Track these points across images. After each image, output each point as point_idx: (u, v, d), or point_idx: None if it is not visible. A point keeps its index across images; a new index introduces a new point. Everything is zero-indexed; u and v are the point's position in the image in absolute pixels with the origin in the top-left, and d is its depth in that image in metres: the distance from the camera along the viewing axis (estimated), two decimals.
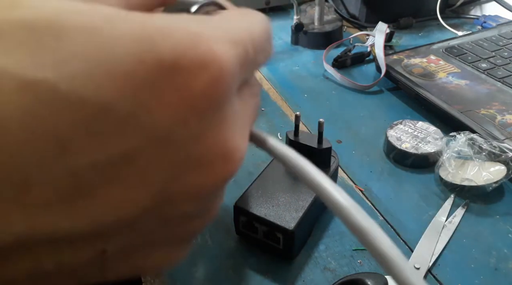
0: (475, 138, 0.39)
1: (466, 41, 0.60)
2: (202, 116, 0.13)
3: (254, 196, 0.32)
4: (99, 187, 0.12)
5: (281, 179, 0.34)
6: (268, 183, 0.34)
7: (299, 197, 0.32)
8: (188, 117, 0.12)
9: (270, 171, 0.35)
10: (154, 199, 0.13)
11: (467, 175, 0.37)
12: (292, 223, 0.30)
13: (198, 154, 0.13)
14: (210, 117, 0.13)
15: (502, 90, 0.49)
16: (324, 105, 0.53)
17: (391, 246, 0.14)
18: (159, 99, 0.12)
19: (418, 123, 0.44)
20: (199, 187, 0.14)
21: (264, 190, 0.33)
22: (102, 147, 0.11)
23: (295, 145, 0.35)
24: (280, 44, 0.69)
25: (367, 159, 0.43)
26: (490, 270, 0.32)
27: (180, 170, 0.13)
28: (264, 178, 0.34)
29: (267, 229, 0.31)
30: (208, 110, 0.13)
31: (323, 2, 0.65)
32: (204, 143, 0.13)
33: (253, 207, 0.32)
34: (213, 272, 0.32)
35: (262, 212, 0.31)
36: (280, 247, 0.31)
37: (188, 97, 0.12)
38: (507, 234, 0.34)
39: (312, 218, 0.34)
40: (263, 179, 0.34)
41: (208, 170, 0.14)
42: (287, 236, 0.30)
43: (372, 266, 0.32)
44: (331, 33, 0.66)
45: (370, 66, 0.61)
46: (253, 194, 0.33)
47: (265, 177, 0.34)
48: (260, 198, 0.32)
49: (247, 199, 0.32)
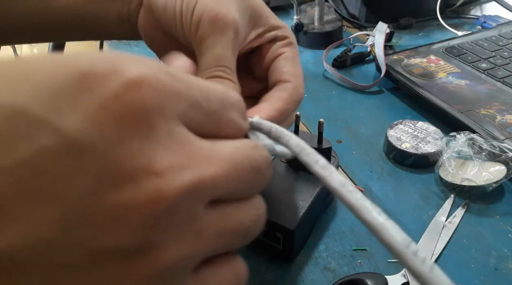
0: (475, 138, 0.39)
1: (466, 41, 0.60)
2: (120, 124, 0.12)
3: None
4: (10, 199, 0.11)
5: (281, 179, 0.34)
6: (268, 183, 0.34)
7: (299, 197, 0.32)
8: (103, 122, 0.12)
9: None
10: (68, 216, 0.11)
11: (467, 175, 0.37)
12: (293, 223, 0.30)
13: (118, 166, 0.12)
14: (131, 127, 0.12)
15: (502, 90, 0.49)
16: (324, 105, 0.53)
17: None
18: (72, 104, 0.12)
19: (418, 123, 0.44)
20: (124, 207, 0.12)
21: (264, 190, 0.33)
22: (9, 152, 0.11)
23: None
24: None
25: (367, 159, 0.43)
26: (490, 270, 0.32)
27: (97, 183, 0.12)
28: None
29: (267, 228, 0.31)
30: (127, 117, 0.12)
31: (323, 2, 0.65)
32: (125, 155, 0.12)
33: None
34: None
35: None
36: (280, 247, 0.31)
37: (100, 102, 0.12)
38: (507, 234, 0.34)
39: (312, 218, 0.34)
40: None
41: (133, 186, 0.12)
42: (288, 236, 0.30)
43: (372, 266, 0.32)
44: (331, 33, 0.66)
45: (370, 66, 0.61)
46: None
47: None
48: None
49: None
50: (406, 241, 0.15)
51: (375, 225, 0.15)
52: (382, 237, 0.15)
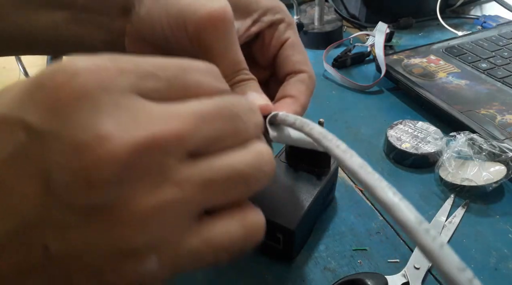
0: (475, 138, 0.39)
1: (466, 41, 0.60)
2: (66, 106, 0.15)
3: (254, 196, 0.32)
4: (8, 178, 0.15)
5: (282, 179, 0.34)
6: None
7: (299, 197, 0.32)
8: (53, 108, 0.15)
9: None
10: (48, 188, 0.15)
11: (467, 175, 0.37)
12: (293, 223, 0.30)
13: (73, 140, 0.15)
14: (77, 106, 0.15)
15: (502, 90, 0.49)
16: (324, 105, 0.53)
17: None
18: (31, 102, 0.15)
19: (418, 123, 0.44)
20: (85, 169, 0.14)
21: (264, 190, 0.33)
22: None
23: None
24: None
25: (367, 159, 0.43)
26: (490, 270, 0.32)
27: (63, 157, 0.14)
28: None
29: (267, 228, 0.31)
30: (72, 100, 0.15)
31: (323, 2, 0.65)
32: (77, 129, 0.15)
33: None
34: (213, 273, 0.32)
35: (262, 212, 0.31)
36: (280, 247, 0.31)
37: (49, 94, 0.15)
38: (507, 234, 0.34)
39: (312, 218, 0.34)
40: None
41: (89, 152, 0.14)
42: (288, 236, 0.30)
43: (372, 266, 0.32)
44: (331, 33, 0.66)
45: (370, 66, 0.61)
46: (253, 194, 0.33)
47: None
48: (260, 198, 0.32)
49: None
50: (419, 219, 0.16)
51: (390, 203, 0.16)
52: (396, 215, 0.16)
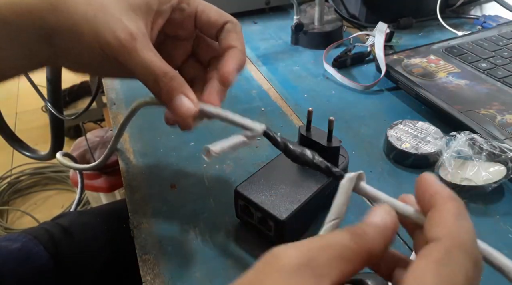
0: (475, 138, 0.39)
1: (466, 41, 0.60)
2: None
3: (256, 183, 0.34)
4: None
5: (286, 171, 0.35)
6: (272, 173, 0.35)
7: (298, 190, 0.33)
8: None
9: (277, 162, 0.36)
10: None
11: (467, 175, 0.37)
12: (285, 214, 0.31)
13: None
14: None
15: (502, 90, 0.49)
16: (324, 105, 0.53)
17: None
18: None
19: (418, 123, 0.44)
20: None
21: (266, 179, 0.34)
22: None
23: (306, 141, 0.36)
24: (280, 44, 0.69)
25: (367, 159, 0.43)
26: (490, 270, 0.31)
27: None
28: (270, 168, 0.35)
29: (261, 215, 0.32)
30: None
31: (323, 2, 0.65)
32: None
33: (252, 193, 0.33)
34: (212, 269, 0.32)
35: (259, 199, 0.32)
36: (272, 234, 0.32)
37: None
38: (507, 234, 0.34)
39: (309, 214, 0.34)
40: (269, 169, 0.35)
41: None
42: (278, 225, 0.31)
43: None
44: (331, 33, 0.66)
45: (370, 66, 0.61)
46: (255, 181, 0.34)
47: (271, 167, 0.36)
48: (261, 186, 0.33)
49: (248, 185, 0.33)
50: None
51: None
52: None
